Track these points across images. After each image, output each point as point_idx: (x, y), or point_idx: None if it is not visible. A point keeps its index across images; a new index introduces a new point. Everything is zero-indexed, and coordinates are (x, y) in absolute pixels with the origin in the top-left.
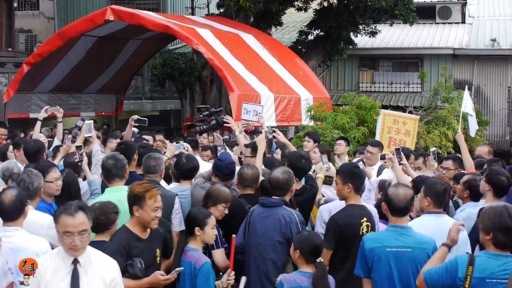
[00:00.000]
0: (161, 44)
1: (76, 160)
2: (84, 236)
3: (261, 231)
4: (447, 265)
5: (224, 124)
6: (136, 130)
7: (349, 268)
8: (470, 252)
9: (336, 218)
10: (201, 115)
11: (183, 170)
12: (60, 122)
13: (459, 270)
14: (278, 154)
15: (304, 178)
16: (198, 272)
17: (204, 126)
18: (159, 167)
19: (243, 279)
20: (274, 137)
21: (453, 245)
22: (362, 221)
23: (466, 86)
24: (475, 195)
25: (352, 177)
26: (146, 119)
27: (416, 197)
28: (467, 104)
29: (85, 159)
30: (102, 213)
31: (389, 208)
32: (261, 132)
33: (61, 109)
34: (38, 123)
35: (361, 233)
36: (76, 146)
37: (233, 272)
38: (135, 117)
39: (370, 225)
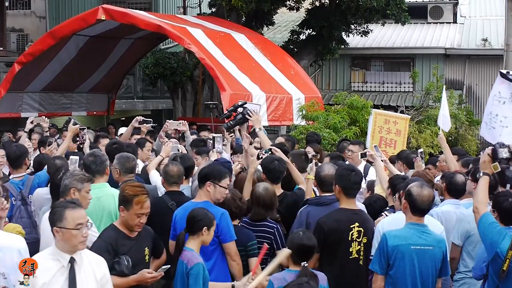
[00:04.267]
0: (153, 44)
1: (78, 142)
2: None
3: None
4: (498, 230)
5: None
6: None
7: (335, 271)
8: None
9: (322, 223)
10: (227, 111)
11: None
12: (46, 131)
13: (502, 245)
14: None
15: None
16: (190, 273)
17: (231, 122)
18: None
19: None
20: (271, 153)
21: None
22: (352, 226)
23: (444, 86)
24: (453, 190)
25: (339, 178)
26: (151, 120)
27: (394, 197)
28: (445, 106)
29: (87, 141)
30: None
31: (412, 207)
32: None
33: (46, 118)
34: (24, 135)
35: (350, 239)
36: (79, 128)
37: (254, 276)
38: (140, 118)
39: (363, 230)
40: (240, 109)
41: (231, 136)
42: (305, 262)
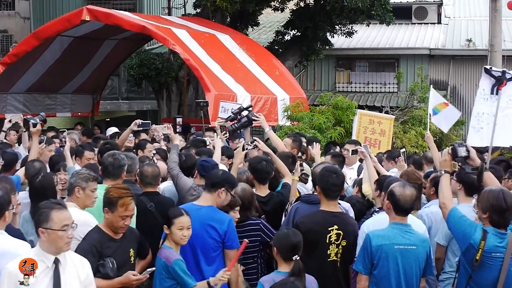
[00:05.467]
0: (138, 44)
1: (59, 145)
2: None
3: None
4: (469, 223)
5: (254, 122)
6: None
7: (313, 273)
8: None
9: (299, 223)
10: (232, 114)
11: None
12: (25, 131)
13: (475, 236)
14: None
15: (281, 186)
16: (173, 269)
17: (236, 125)
18: (134, 166)
19: None
20: (255, 146)
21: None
22: (330, 228)
23: (431, 86)
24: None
25: (319, 179)
26: (150, 121)
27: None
28: (432, 104)
29: (68, 144)
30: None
31: (395, 207)
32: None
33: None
34: (2, 134)
35: (328, 241)
36: (60, 131)
37: (229, 272)
38: (139, 121)
39: (342, 233)
40: (245, 112)
41: (225, 136)
42: (297, 256)
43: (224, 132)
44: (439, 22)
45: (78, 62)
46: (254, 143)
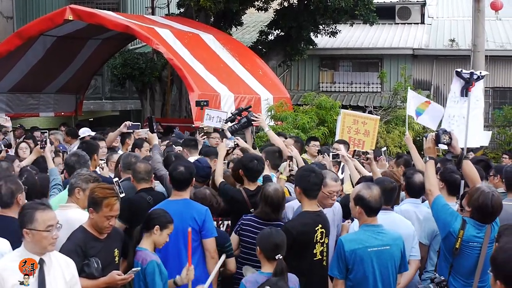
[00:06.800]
0: (121, 44)
1: (39, 146)
2: None
3: None
4: (451, 212)
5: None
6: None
7: (302, 273)
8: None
9: (290, 227)
10: (231, 115)
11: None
12: (11, 131)
13: (455, 225)
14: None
15: (262, 179)
16: (145, 271)
17: (235, 126)
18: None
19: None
20: (237, 144)
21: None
22: (317, 228)
23: (409, 87)
24: (410, 190)
25: (299, 179)
26: (139, 123)
27: None
28: (411, 106)
29: (48, 145)
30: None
31: (366, 210)
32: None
33: (8, 118)
34: None
35: (314, 241)
36: (41, 132)
37: (192, 267)
38: (129, 123)
39: (324, 231)
40: (244, 114)
41: (203, 139)
42: (279, 255)
43: (202, 134)
44: (423, 22)
45: (61, 62)
46: (235, 142)
